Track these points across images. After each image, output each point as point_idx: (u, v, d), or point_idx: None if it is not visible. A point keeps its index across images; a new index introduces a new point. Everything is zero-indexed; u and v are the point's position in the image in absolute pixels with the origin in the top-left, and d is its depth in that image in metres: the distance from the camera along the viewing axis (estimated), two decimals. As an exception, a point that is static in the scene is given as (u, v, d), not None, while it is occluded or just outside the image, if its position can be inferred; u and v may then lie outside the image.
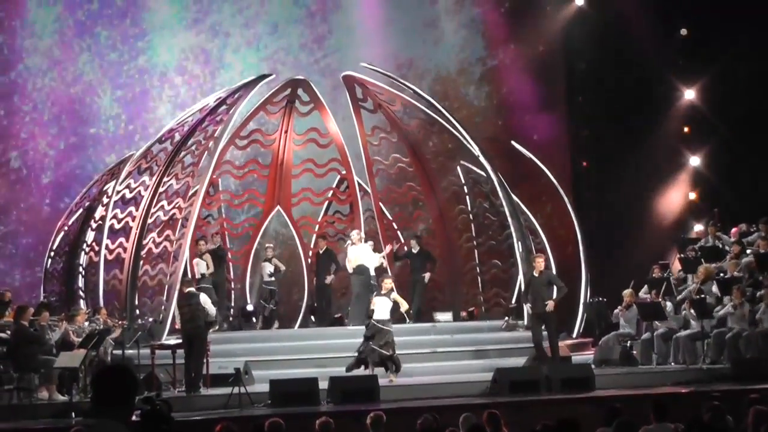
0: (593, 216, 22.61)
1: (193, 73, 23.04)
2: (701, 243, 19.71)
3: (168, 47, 22.92)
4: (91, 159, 22.12)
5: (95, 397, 4.74)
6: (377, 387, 14.43)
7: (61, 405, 14.31)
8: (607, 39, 22.89)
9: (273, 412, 13.21)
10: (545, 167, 21.00)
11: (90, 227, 18.42)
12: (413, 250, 20.34)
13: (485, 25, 24.52)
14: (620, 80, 22.89)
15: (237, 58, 23.25)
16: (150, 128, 21.99)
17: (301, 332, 19.34)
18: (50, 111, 22.01)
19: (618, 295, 18.28)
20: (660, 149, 22.81)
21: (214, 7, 23.33)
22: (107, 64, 22.50)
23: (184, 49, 23.05)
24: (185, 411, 13.63)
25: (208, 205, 20.23)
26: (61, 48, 22.21)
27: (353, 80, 20.56)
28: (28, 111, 21.91)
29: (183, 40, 23.09)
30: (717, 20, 21.68)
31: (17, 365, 14.79)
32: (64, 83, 22.15)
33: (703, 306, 16.73)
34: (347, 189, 21.20)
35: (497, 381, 14.82)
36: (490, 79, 24.51)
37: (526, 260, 18.78)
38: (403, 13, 24.05)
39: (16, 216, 21.64)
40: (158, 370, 15.49)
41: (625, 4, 22.26)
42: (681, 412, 10.42)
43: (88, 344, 14.67)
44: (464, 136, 19.60)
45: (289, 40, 23.70)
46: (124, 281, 17.40)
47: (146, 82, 22.73)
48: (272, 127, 21.13)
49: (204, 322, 15.64)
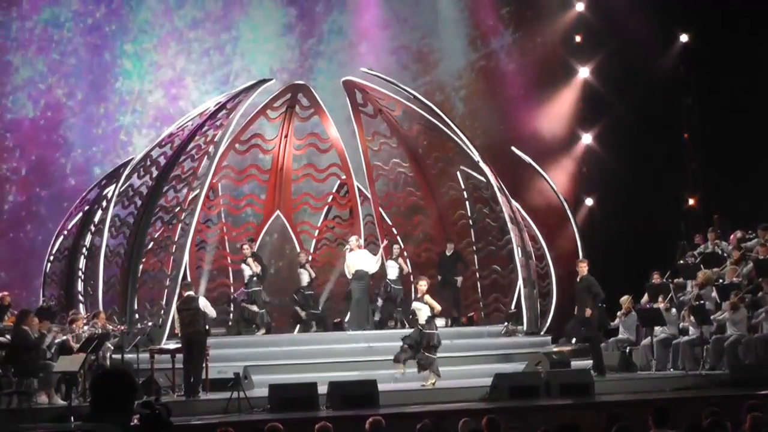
0: (594, 221, 22.61)
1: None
2: (701, 249, 19.71)
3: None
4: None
5: (94, 401, 4.74)
6: (376, 392, 14.42)
7: (61, 409, 14.28)
8: (611, 42, 22.96)
9: (272, 417, 13.22)
10: (545, 173, 21.05)
11: (89, 231, 18.41)
12: (447, 252, 20.39)
13: (485, 29, 24.55)
14: (623, 86, 22.93)
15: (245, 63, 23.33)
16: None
17: (300, 337, 19.34)
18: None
19: (617, 302, 18.31)
20: (660, 156, 22.81)
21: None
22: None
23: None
24: (184, 415, 13.60)
25: (208, 210, 20.24)
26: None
27: (353, 85, 20.58)
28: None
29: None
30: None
31: (16, 369, 14.78)
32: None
33: (703, 312, 16.73)
34: (347, 194, 21.21)
35: (497, 386, 14.79)
36: (489, 84, 24.52)
37: (525, 266, 18.81)
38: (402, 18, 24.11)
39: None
40: (157, 375, 15.48)
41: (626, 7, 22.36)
42: (680, 418, 10.41)
43: (88, 348, 14.66)
44: (464, 142, 19.62)
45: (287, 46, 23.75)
46: (123, 285, 17.39)
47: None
48: (272, 132, 21.18)
49: (204, 327, 15.64)
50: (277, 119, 20.89)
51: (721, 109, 22.02)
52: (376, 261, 19.40)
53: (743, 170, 21.40)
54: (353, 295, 19.26)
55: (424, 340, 15.55)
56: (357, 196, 20.83)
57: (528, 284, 18.91)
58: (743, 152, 21.53)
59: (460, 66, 24.44)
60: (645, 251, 21.09)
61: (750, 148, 21.53)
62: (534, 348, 17.73)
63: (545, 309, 19.61)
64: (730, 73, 21.63)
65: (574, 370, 16.47)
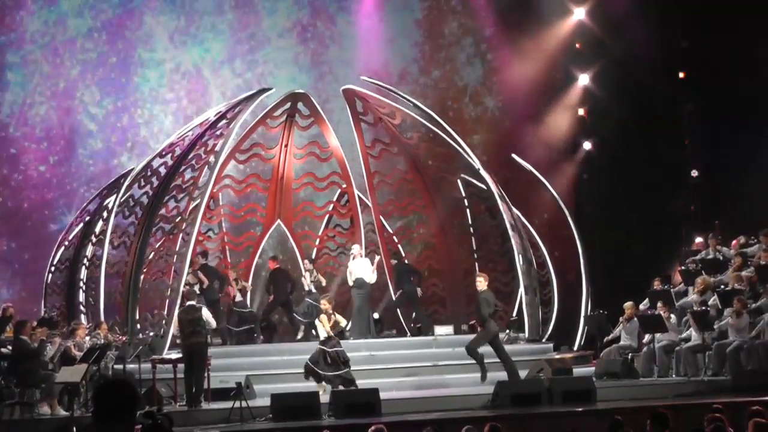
0: (595, 228, 22.60)
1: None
2: (702, 255, 19.69)
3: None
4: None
5: (96, 411, 4.73)
6: (379, 400, 14.41)
7: (63, 420, 14.28)
8: (609, 48, 22.98)
9: (274, 427, 13.24)
10: (545, 179, 21.06)
11: (90, 241, 18.42)
12: (399, 264, 20.55)
13: (485, 37, 24.59)
14: (624, 92, 22.96)
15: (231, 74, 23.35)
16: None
17: (302, 346, 19.30)
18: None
19: (619, 308, 18.30)
20: (662, 161, 22.83)
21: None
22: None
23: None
24: (186, 425, 13.60)
25: (208, 220, 20.24)
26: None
27: (353, 94, 20.59)
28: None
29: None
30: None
31: (18, 380, 14.78)
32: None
33: (705, 318, 16.72)
34: (348, 202, 21.22)
35: (499, 394, 14.78)
36: (490, 92, 24.54)
37: (527, 273, 18.80)
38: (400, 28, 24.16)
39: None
40: (159, 385, 15.47)
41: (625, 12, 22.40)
42: (682, 424, 10.41)
43: (89, 359, 14.66)
44: (464, 149, 19.62)
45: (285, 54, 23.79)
46: (124, 296, 17.39)
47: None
48: (272, 141, 21.20)
49: (205, 337, 15.64)
50: (277, 129, 20.90)
51: (722, 114, 22.06)
52: (372, 272, 19.41)
53: (745, 175, 21.42)
54: (354, 303, 19.27)
55: (329, 358, 15.62)
56: (358, 204, 20.84)
57: (529, 291, 18.90)
58: (744, 156, 21.54)
59: (460, 73, 24.46)
60: (646, 257, 21.11)
61: (751, 150, 21.56)
62: (536, 355, 17.71)
63: (547, 316, 19.60)
64: (731, 77, 21.66)
65: (576, 377, 16.45)
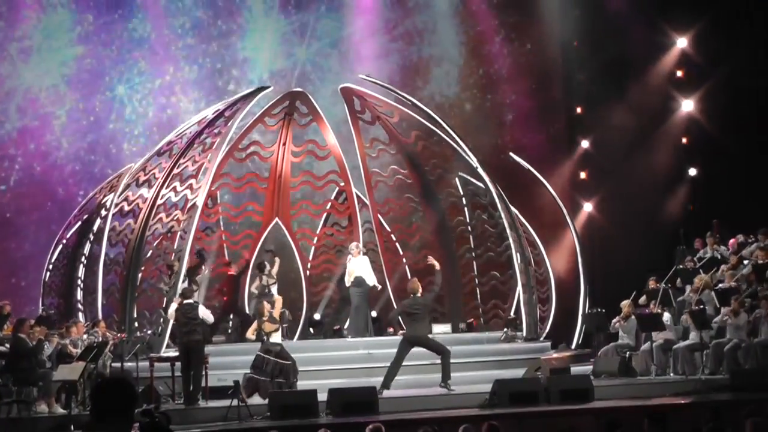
0: (592, 226, 22.60)
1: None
2: (700, 254, 19.71)
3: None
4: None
5: (94, 410, 4.74)
6: (376, 399, 14.41)
7: (61, 418, 14.27)
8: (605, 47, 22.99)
9: (272, 425, 13.23)
10: (543, 178, 21.06)
11: (88, 240, 18.42)
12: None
13: (481, 35, 24.60)
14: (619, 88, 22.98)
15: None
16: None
17: (300, 344, 19.30)
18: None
19: (616, 306, 18.31)
20: (659, 160, 22.83)
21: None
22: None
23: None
24: (184, 424, 13.61)
25: (206, 218, 20.24)
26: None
27: (352, 92, 20.59)
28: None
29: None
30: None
31: (16, 378, 14.78)
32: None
33: (703, 317, 16.73)
34: (346, 201, 21.22)
35: (496, 392, 14.79)
36: (487, 91, 24.54)
37: (524, 272, 18.80)
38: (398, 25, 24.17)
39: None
40: (157, 383, 15.47)
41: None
42: (680, 423, 10.42)
43: (87, 357, 14.66)
44: (462, 148, 19.62)
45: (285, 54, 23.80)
46: (122, 294, 17.39)
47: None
48: (270, 140, 21.19)
49: (202, 335, 15.63)
50: (275, 127, 20.90)
51: (721, 113, 22.07)
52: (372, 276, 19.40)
53: (744, 174, 21.45)
54: (352, 302, 19.25)
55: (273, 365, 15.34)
56: (356, 203, 20.84)
57: (527, 290, 18.91)
58: (744, 156, 21.57)
59: (455, 73, 24.47)
60: (644, 256, 21.10)
61: (751, 151, 21.59)
62: (533, 354, 17.72)
63: (544, 315, 19.61)
64: (730, 76, 21.68)
65: (573, 376, 16.46)
